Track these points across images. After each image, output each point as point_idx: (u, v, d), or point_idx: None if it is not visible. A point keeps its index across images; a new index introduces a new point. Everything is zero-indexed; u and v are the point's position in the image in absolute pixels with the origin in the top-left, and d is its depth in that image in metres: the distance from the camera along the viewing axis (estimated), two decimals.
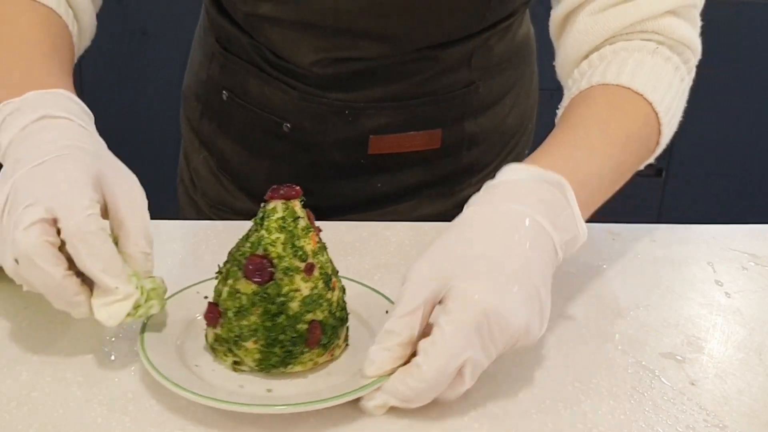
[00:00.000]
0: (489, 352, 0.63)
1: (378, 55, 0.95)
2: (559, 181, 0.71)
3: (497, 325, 0.63)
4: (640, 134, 0.82)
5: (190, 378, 0.65)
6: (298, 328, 0.65)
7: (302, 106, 1.00)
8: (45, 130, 0.72)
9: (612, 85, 0.82)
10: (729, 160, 2.59)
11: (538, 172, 0.71)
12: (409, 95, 0.99)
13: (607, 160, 0.78)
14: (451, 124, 1.03)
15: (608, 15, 0.85)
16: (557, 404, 0.67)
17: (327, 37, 0.94)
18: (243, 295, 0.65)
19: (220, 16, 1.03)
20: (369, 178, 1.04)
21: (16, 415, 0.62)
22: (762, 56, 2.48)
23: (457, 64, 0.99)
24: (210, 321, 0.68)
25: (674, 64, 0.86)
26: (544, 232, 0.68)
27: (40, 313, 0.75)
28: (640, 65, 0.83)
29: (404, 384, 0.63)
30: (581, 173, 0.74)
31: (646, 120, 0.82)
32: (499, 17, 0.99)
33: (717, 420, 0.67)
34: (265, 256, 0.65)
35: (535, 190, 0.70)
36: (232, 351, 0.67)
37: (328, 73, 0.96)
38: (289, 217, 0.66)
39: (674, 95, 0.84)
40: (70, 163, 0.68)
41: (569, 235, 0.70)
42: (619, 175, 0.80)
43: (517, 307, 0.64)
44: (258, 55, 1.00)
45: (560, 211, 0.70)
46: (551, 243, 0.69)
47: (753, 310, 0.83)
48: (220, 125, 1.08)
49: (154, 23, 2.28)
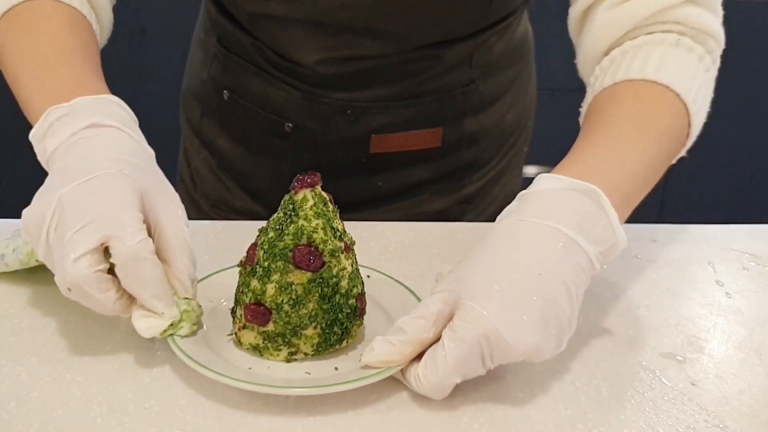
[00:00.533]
0: (486, 367, 0.65)
1: (381, 53, 0.95)
2: (593, 191, 0.70)
3: (497, 349, 0.64)
4: (671, 128, 0.80)
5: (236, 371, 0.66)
6: (351, 303, 0.69)
7: (304, 105, 1.00)
8: (94, 138, 0.71)
9: (637, 80, 0.80)
10: (729, 160, 2.59)
11: (571, 183, 0.71)
12: (411, 94, 0.99)
13: (641, 159, 0.76)
14: (451, 123, 1.03)
15: (626, 8, 0.84)
16: (557, 404, 0.67)
17: (331, 35, 0.94)
18: (298, 285, 0.67)
19: (221, 15, 1.03)
20: (370, 176, 1.05)
21: (16, 415, 0.62)
22: (762, 56, 2.48)
23: (458, 63, 0.99)
24: (260, 321, 0.68)
25: (698, 54, 0.84)
26: (578, 247, 0.68)
27: (40, 313, 0.75)
28: (664, 58, 0.81)
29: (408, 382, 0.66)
30: (616, 176, 0.73)
31: (676, 113, 0.80)
32: (500, 16, 0.99)
33: (717, 420, 0.67)
34: (310, 243, 0.67)
35: (569, 202, 0.70)
36: (288, 343, 0.68)
37: (331, 72, 0.97)
38: (320, 203, 0.68)
39: (700, 85, 0.82)
40: (119, 181, 0.68)
41: (606, 244, 0.70)
42: (654, 172, 0.78)
43: (524, 332, 0.64)
44: (260, 55, 1.00)
45: (596, 222, 0.69)
46: (585, 257, 0.68)
47: (753, 310, 0.83)
48: (221, 125, 1.08)
49: (153, 22, 2.28)
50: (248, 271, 0.69)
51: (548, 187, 0.71)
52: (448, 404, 0.66)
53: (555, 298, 0.66)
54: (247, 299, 0.68)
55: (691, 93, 0.81)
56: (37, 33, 0.81)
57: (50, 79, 0.77)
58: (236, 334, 0.70)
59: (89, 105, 0.74)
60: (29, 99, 0.78)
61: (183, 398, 0.65)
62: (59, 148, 0.71)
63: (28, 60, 0.80)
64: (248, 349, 0.69)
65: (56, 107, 0.73)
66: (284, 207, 0.69)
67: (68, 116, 0.73)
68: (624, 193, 0.73)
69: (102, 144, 0.71)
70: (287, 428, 0.63)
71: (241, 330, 0.69)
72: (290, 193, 0.69)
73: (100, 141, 0.71)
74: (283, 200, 0.69)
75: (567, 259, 0.67)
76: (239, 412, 0.64)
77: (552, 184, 0.71)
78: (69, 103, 0.73)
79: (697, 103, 0.82)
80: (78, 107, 0.73)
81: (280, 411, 0.64)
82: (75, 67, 0.79)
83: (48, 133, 0.73)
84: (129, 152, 0.71)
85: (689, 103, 0.80)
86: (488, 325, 0.63)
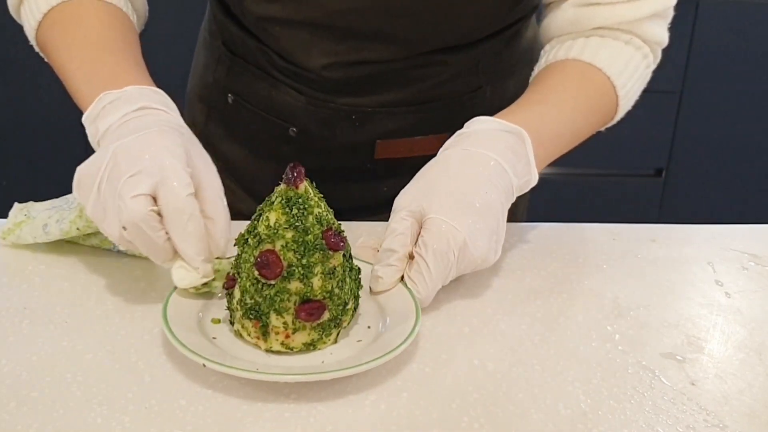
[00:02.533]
0: (452, 275, 0.77)
1: (388, 58, 0.95)
2: (520, 132, 0.83)
3: (462, 256, 0.76)
4: (600, 110, 0.94)
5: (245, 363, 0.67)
6: (356, 269, 0.74)
7: (310, 110, 0.99)
8: (144, 117, 0.77)
9: (586, 63, 0.93)
10: (729, 160, 2.59)
11: (503, 125, 0.84)
12: (417, 100, 0.99)
13: (569, 126, 0.90)
14: (457, 129, 1.02)
15: (595, 11, 0.93)
16: (557, 404, 0.67)
17: (339, 39, 0.93)
18: (338, 267, 0.70)
19: (227, 19, 1.02)
20: (375, 182, 1.04)
21: (16, 415, 0.62)
22: (762, 56, 2.48)
23: (466, 69, 0.99)
24: (316, 316, 0.69)
25: (644, 53, 0.95)
26: (506, 174, 0.81)
27: (40, 313, 0.75)
28: (615, 52, 0.93)
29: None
30: (545, 132, 0.86)
31: (609, 100, 0.94)
32: (509, 21, 0.99)
33: (717, 420, 0.67)
34: (330, 227, 0.70)
35: (500, 138, 0.83)
36: (338, 324, 0.71)
37: (337, 77, 0.96)
38: (312, 188, 0.71)
39: (636, 80, 0.95)
40: (170, 136, 0.74)
41: (524, 179, 0.83)
42: (574, 140, 0.92)
43: (480, 240, 0.77)
44: (265, 59, 0.99)
45: (519, 158, 0.83)
46: (510, 184, 0.81)
47: (753, 310, 0.83)
48: (225, 128, 1.08)
49: (155, 23, 2.28)
50: (281, 279, 0.68)
51: (485, 127, 0.84)
52: (448, 404, 0.66)
53: (495, 214, 0.79)
54: (293, 303, 0.68)
55: (626, 87, 0.94)
56: (80, 28, 0.87)
57: (97, 70, 0.83)
58: (283, 343, 0.69)
59: (139, 92, 0.79)
60: (78, 89, 0.83)
61: (183, 398, 0.65)
62: (111, 127, 0.77)
63: (75, 51, 0.86)
64: (298, 351, 0.69)
65: (108, 92, 0.79)
66: (292, 204, 0.68)
67: (120, 100, 0.78)
68: (546, 148, 0.87)
69: (148, 120, 0.76)
70: (287, 428, 0.63)
71: (290, 336, 0.69)
72: (290, 189, 0.69)
73: (150, 118, 0.77)
74: (286, 199, 0.68)
75: (501, 182, 0.80)
76: (240, 412, 0.64)
77: (489, 125, 0.84)
78: (120, 89, 0.79)
79: (628, 96, 0.95)
80: (128, 93, 0.79)
81: (280, 411, 0.64)
82: (119, 58, 0.85)
83: (101, 115, 0.78)
84: (176, 124, 0.78)
85: (621, 97, 0.94)
86: (460, 236, 0.75)
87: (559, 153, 0.90)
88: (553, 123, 0.88)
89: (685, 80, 2.45)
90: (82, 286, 0.79)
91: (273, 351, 0.69)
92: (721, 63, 2.45)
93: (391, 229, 0.77)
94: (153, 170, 0.70)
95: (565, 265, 0.89)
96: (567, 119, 0.90)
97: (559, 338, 0.76)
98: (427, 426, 0.64)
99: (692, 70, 2.43)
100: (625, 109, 0.97)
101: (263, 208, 0.70)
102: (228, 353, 0.69)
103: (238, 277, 0.71)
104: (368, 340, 0.71)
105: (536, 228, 0.96)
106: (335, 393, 0.66)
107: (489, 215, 0.78)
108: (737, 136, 2.57)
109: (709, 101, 2.50)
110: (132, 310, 0.76)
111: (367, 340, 0.71)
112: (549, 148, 0.87)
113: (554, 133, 0.88)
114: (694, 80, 2.45)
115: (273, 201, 0.69)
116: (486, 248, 0.77)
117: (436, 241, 0.75)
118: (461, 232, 0.75)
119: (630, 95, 0.96)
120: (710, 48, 2.42)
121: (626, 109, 0.97)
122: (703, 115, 2.52)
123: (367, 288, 0.77)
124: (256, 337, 0.69)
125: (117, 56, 0.85)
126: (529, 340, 0.75)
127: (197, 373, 0.67)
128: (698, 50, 2.40)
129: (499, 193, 0.80)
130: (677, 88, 2.46)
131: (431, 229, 0.76)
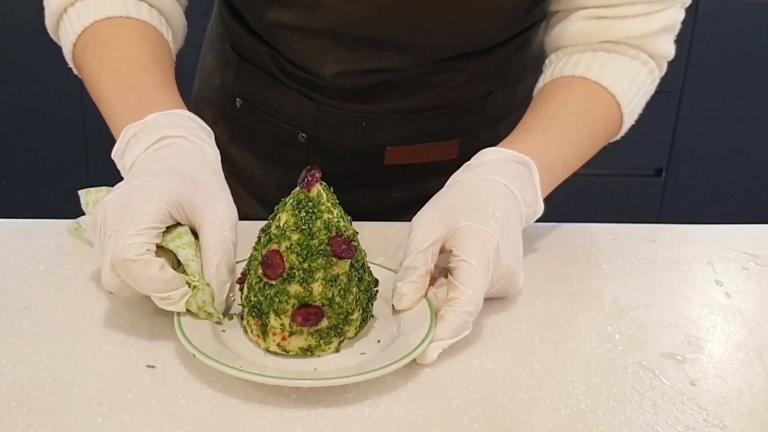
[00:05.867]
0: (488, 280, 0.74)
1: (400, 66, 0.94)
2: (528, 162, 0.82)
3: (497, 259, 0.74)
4: (605, 128, 0.93)
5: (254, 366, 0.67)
6: (370, 280, 0.72)
7: (319, 116, 0.99)
8: (159, 151, 0.76)
9: (592, 81, 0.91)
10: (729, 160, 2.59)
11: (512, 154, 0.83)
12: (428, 107, 0.99)
13: (574, 150, 0.89)
14: (468, 135, 1.02)
15: (605, 24, 0.91)
16: (557, 404, 0.67)
17: (352, 48, 0.93)
18: (342, 275, 0.68)
19: (235, 22, 1.01)
20: (384, 188, 1.04)
21: (16, 415, 0.63)
22: (762, 56, 2.48)
23: (477, 76, 0.99)
24: (313, 322, 0.68)
25: (650, 68, 0.94)
26: (516, 201, 0.80)
27: (40, 313, 0.75)
28: (621, 70, 0.92)
29: (455, 315, 0.70)
30: (550, 159, 0.86)
31: (613, 118, 0.93)
32: (522, 28, 0.99)
33: (717, 420, 0.67)
34: (339, 234, 0.68)
35: (510, 167, 0.82)
36: (339, 333, 0.69)
37: (348, 84, 0.95)
38: (327, 192, 0.70)
39: (641, 98, 0.95)
40: (147, 188, 0.71)
41: (531, 208, 0.82)
42: (580, 161, 0.91)
43: (507, 247, 0.75)
44: (275, 65, 0.99)
45: (528, 187, 0.82)
46: (520, 211, 0.80)
47: (753, 310, 0.83)
48: (233, 132, 1.07)
49: None
50: (282, 281, 0.68)
51: (494, 158, 0.83)
52: (448, 404, 0.66)
53: (515, 229, 0.78)
54: (290, 306, 0.68)
55: (631, 104, 0.93)
56: (109, 51, 0.86)
57: (124, 99, 0.83)
58: (279, 345, 0.69)
59: (159, 120, 0.78)
60: (109, 117, 0.84)
61: (183, 398, 0.65)
62: (135, 163, 0.77)
63: (104, 77, 0.85)
64: (294, 355, 0.69)
65: (132, 125, 0.78)
66: (302, 206, 0.68)
67: (142, 132, 0.78)
68: (553, 175, 0.86)
69: (160, 155, 0.76)
70: (288, 428, 0.63)
71: (286, 339, 0.68)
72: (302, 192, 0.68)
73: (162, 153, 0.76)
74: (297, 201, 0.68)
75: (514, 209, 0.79)
76: (240, 412, 0.64)
77: (497, 155, 0.83)
78: (142, 120, 0.78)
79: (633, 113, 0.94)
80: (150, 123, 0.78)
81: (280, 411, 0.64)
82: (145, 82, 0.84)
83: (126, 151, 0.78)
84: (179, 160, 0.75)
85: (625, 114, 0.93)
86: (492, 239, 0.73)
87: (564, 177, 0.89)
88: (559, 149, 0.87)
89: (685, 80, 2.45)
90: (83, 286, 0.79)
91: (270, 352, 0.69)
92: (721, 63, 2.45)
93: (412, 246, 0.75)
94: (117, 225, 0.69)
95: (565, 265, 0.89)
96: (572, 144, 0.89)
97: (559, 338, 0.76)
98: (428, 426, 0.64)
99: (692, 70, 2.43)
100: (628, 125, 0.96)
101: (279, 208, 0.70)
102: (228, 348, 0.69)
103: (248, 273, 0.71)
104: (372, 354, 0.70)
105: (536, 228, 0.96)
106: (336, 394, 0.66)
107: (510, 228, 0.77)
108: (737, 136, 2.57)
109: (709, 101, 2.50)
110: (132, 310, 0.75)
111: (371, 355, 0.70)
112: (556, 174, 0.87)
113: (560, 160, 0.87)
114: (694, 80, 2.45)
115: (287, 202, 0.69)
116: (513, 258, 0.76)
117: (472, 244, 0.73)
118: (493, 236, 0.74)
119: (635, 112, 0.95)
120: (710, 48, 2.42)
121: (630, 124, 0.96)
122: (703, 115, 2.52)
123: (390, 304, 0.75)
124: (256, 335, 0.70)
125: (143, 80, 0.84)
126: (529, 340, 0.75)
127: (197, 373, 0.67)
128: (698, 50, 2.40)
129: (514, 214, 0.79)
130: (677, 88, 2.46)
131: (463, 235, 0.74)
